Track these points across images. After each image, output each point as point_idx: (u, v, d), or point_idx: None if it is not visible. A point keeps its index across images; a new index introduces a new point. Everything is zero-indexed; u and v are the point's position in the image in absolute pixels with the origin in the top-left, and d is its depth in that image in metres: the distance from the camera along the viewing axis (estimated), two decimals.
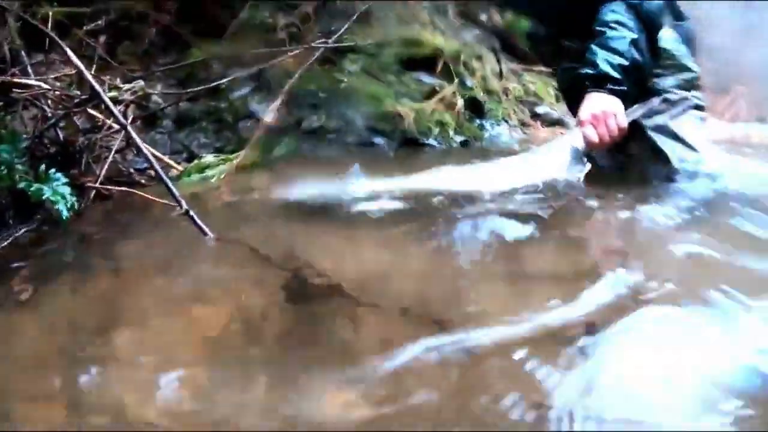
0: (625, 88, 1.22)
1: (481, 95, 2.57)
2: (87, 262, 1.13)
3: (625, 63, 1.22)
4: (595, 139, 1.21)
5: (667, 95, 1.37)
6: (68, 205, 1.23)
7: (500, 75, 2.75)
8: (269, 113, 2.48)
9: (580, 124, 1.25)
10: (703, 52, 1.64)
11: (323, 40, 2.79)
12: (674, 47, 1.37)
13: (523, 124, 2.63)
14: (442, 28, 2.95)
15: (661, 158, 1.37)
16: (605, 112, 1.20)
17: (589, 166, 1.29)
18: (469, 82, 2.61)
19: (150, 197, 1.32)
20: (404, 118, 2.43)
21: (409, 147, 2.36)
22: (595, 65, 1.22)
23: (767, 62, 3.51)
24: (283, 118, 2.46)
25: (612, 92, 1.21)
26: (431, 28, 2.96)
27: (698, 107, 1.44)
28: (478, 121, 2.51)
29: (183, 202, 1.16)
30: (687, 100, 1.39)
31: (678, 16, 1.40)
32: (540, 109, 2.72)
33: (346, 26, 2.95)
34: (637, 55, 1.23)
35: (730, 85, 3.57)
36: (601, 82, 1.22)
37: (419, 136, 2.38)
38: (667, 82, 1.38)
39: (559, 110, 2.74)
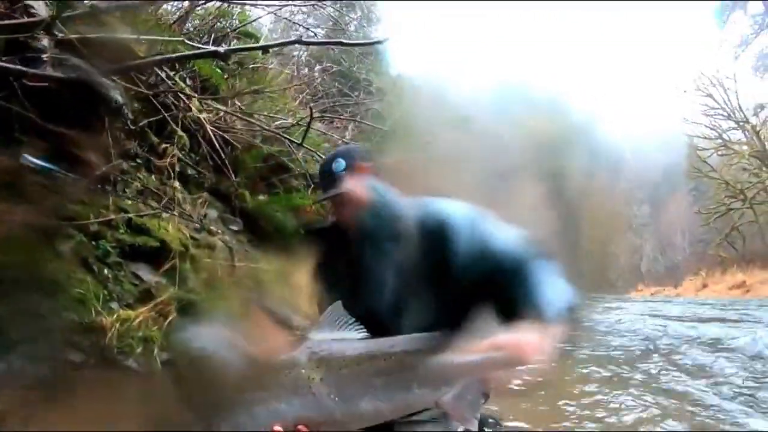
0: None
1: (201, 298, 2.59)
2: None
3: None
4: None
5: None
6: None
7: (233, 267, 2.82)
8: None
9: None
10: None
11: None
12: None
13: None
14: (184, 207, 2.91)
15: None
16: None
17: None
18: (191, 282, 2.61)
19: None
20: (106, 332, 2.31)
21: (106, 369, 2.24)
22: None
23: None
24: None
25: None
26: (175, 206, 2.90)
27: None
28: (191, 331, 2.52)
29: None
30: None
31: None
32: (270, 304, 2.85)
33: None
34: None
35: None
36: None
37: (119, 357, 2.29)
38: None
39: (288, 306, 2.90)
